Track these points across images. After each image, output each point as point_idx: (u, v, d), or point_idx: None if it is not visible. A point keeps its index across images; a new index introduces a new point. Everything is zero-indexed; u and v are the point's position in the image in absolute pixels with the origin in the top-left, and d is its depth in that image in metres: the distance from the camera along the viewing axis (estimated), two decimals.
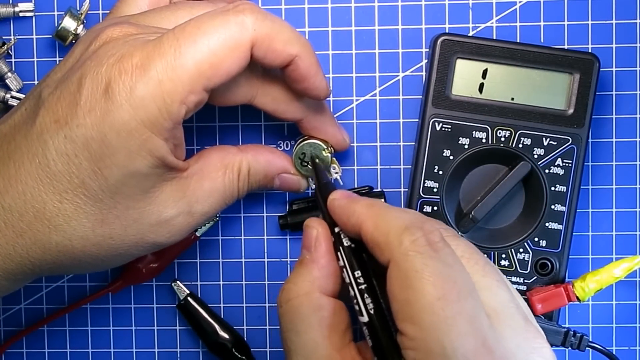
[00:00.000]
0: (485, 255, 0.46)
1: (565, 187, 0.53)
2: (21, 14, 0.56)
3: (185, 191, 0.47)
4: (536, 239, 0.53)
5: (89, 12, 0.56)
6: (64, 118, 0.43)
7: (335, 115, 0.56)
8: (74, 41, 0.55)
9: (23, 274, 0.46)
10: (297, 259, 0.56)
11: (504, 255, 0.53)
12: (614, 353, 0.53)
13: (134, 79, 0.42)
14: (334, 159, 0.53)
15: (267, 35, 0.44)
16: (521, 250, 0.53)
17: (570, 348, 0.52)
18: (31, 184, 0.44)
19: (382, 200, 0.55)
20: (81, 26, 0.55)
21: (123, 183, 0.44)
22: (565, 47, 0.55)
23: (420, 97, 0.56)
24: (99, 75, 0.43)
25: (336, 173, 0.54)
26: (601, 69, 0.53)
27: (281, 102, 0.50)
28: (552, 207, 0.53)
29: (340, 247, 0.45)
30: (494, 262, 0.53)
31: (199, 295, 0.57)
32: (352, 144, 0.56)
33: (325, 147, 0.52)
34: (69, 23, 0.55)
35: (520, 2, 0.56)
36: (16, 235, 0.44)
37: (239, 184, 0.49)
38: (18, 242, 0.44)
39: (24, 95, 0.56)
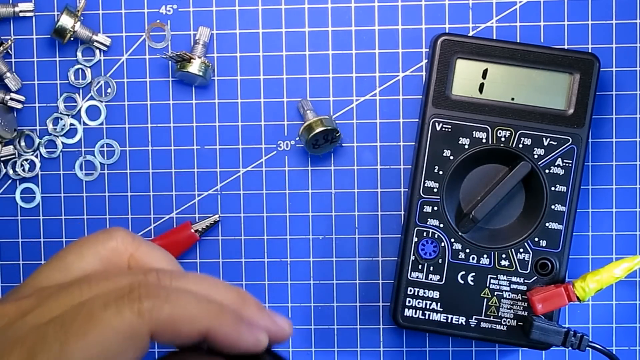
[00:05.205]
0: None
1: (565, 187, 0.53)
2: (21, 14, 0.56)
3: None
4: (536, 239, 0.53)
5: (85, 10, 0.56)
6: None
7: (335, 116, 0.56)
8: (72, 38, 0.55)
9: None
10: (296, 259, 0.57)
11: (504, 255, 0.53)
12: (614, 353, 0.53)
13: None
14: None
15: (169, 321, 0.37)
16: (521, 250, 0.53)
17: (570, 348, 0.52)
18: None
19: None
20: (78, 23, 0.55)
21: None
22: (565, 47, 0.55)
23: (420, 97, 0.56)
24: None
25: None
26: (601, 69, 0.53)
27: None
28: (552, 207, 0.53)
29: None
30: (494, 262, 0.53)
31: None
32: (352, 144, 0.56)
33: (330, 123, 0.54)
34: (66, 20, 0.55)
35: (520, 2, 0.56)
36: None
37: None
38: None
39: (23, 97, 0.56)
